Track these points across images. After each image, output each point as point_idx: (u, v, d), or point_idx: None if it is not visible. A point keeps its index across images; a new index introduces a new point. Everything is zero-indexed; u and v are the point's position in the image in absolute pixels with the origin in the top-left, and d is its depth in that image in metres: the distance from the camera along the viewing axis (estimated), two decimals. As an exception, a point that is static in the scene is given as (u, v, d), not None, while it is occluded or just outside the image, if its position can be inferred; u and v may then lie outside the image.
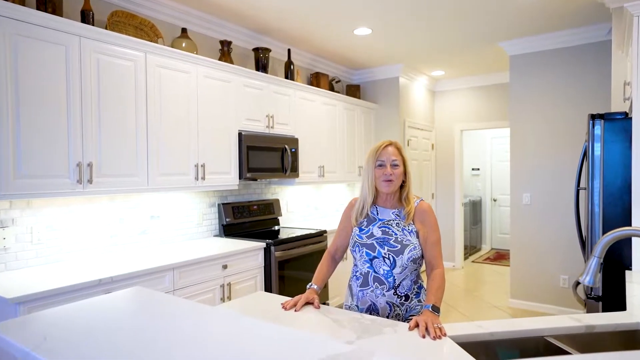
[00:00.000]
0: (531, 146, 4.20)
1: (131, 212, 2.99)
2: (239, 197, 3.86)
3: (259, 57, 3.85)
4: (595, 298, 2.38)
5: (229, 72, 3.33)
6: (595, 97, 3.88)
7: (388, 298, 1.65)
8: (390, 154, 1.70)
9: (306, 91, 4.18)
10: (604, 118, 2.32)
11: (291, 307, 1.63)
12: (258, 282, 3.22)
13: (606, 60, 3.83)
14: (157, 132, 2.80)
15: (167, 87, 2.87)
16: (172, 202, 3.28)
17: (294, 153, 3.89)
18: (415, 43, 4.27)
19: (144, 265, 2.50)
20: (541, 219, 4.14)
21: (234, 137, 3.37)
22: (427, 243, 1.66)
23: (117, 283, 2.30)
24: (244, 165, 3.40)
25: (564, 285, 4.03)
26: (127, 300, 1.48)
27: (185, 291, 2.67)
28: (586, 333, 1.44)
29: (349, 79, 5.47)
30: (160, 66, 2.82)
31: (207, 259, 2.80)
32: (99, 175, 2.48)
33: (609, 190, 2.32)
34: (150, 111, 2.75)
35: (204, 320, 1.29)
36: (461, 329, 1.43)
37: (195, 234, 3.45)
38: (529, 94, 4.21)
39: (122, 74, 2.60)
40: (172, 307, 1.41)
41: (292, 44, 4.32)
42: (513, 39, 4.15)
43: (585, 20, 3.72)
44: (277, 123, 3.81)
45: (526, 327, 1.43)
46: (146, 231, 3.08)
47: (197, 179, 3.06)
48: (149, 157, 2.75)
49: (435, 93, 6.07)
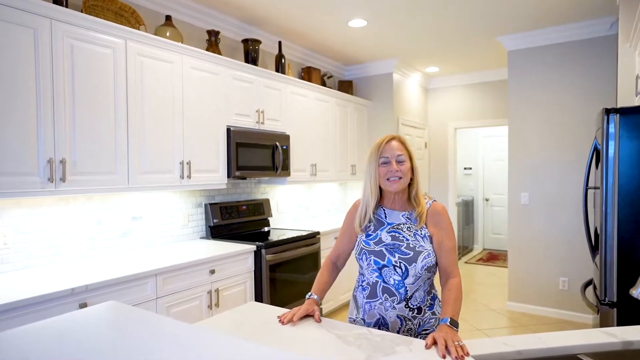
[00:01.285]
0: (530, 144, 4.07)
1: (110, 214, 2.76)
2: (227, 196, 3.65)
3: (248, 49, 3.65)
4: (610, 304, 2.25)
5: (217, 64, 3.12)
6: (597, 94, 3.77)
7: (399, 311, 1.47)
8: (394, 149, 1.52)
9: (298, 86, 3.99)
10: (620, 112, 2.18)
11: (289, 320, 1.44)
12: (248, 287, 3.02)
13: (610, 56, 3.73)
14: (138, 126, 2.57)
15: (150, 78, 2.65)
16: (155, 202, 3.06)
17: (285, 150, 3.70)
18: (411, 36, 4.12)
19: (124, 271, 2.28)
20: (540, 219, 4.02)
21: (222, 133, 3.16)
22: (442, 249, 1.49)
23: (92, 292, 2.08)
24: (233, 163, 3.19)
25: (564, 288, 3.92)
26: (98, 319, 1.27)
27: (170, 299, 2.46)
28: (624, 350, 1.28)
29: (341, 74, 5.29)
30: (142, 55, 2.60)
31: (194, 264, 2.59)
32: (74, 172, 2.25)
33: (625, 190, 2.18)
34: (131, 103, 2.53)
35: (188, 346, 1.09)
36: (484, 347, 1.26)
37: (180, 236, 3.23)
38: (528, 91, 4.08)
39: (100, 62, 2.37)
40: (152, 327, 1.20)
41: (283, 37, 4.12)
42: (512, 33, 4.03)
43: (587, 14, 3.61)
44: (267, 119, 3.60)
45: (557, 345, 1.26)
46: (127, 234, 2.86)
47: (183, 178, 2.85)
48: (130, 154, 2.52)
49: (429, 90, 5.93)
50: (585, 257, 3.79)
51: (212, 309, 2.71)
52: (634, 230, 2.17)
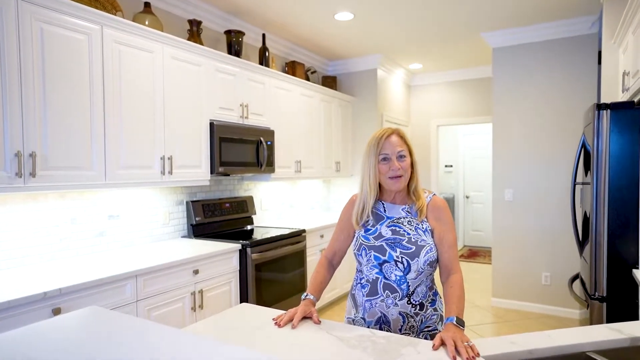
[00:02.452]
0: (514, 141, 4.10)
1: (85, 212, 2.60)
2: (210, 194, 3.51)
3: (231, 40, 3.52)
4: (600, 299, 2.25)
5: (199, 55, 2.98)
6: (579, 91, 3.82)
7: (401, 308, 1.40)
8: (395, 145, 1.45)
9: (282, 80, 3.88)
10: (611, 108, 2.18)
11: (286, 323, 1.35)
12: (233, 287, 2.90)
13: (591, 54, 3.78)
14: (117, 118, 2.42)
15: (128, 68, 2.49)
16: (134, 200, 2.90)
17: (269, 146, 3.59)
18: (396, 30, 4.07)
19: (101, 273, 2.13)
20: (523, 215, 4.06)
21: (205, 127, 3.03)
22: (444, 244, 1.43)
23: (66, 296, 1.93)
24: (216, 159, 3.06)
25: (546, 283, 3.96)
26: (78, 327, 1.15)
27: (151, 301, 2.32)
28: (632, 346, 1.25)
29: (325, 69, 5.21)
30: (120, 42, 2.44)
31: (176, 264, 2.46)
32: (45, 167, 2.09)
33: (615, 185, 2.18)
34: (108, 94, 2.37)
35: (180, 355, 0.99)
36: (493, 347, 1.20)
37: (160, 235, 3.08)
38: (512, 88, 4.10)
39: (74, 49, 2.21)
40: (142, 335, 1.09)
41: (267, 29, 4.00)
42: (496, 30, 4.03)
43: (569, 12, 3.64)
44: (251, 113, 3.49)
45: (566, 343, 1.22)
46: (103, 233, 2.69)
47: (164, 174, 2.70)
48: (107, 148, 2.37)
49: (412, 87, 5.92)
50: (567, 252, 3.84)
51: (195, 311, 2.58)
52: (624, 226, 2.18)
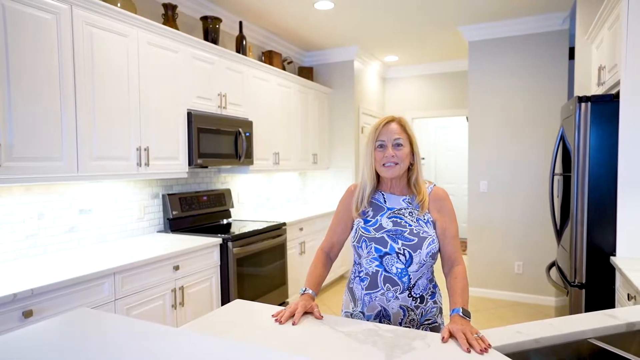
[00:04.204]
0: (489, 134, 4.18)
1: (54, 206, 2.42)
2: (186, 186, 3.38)
3: (207, 27, 3.38)
4: (579, 285, 2.33)
5: (176, 41, 2.84)
6: (551, 85, 3.93)
7: (402, 301, 1.38)
8: (392, 132, 1.42)
9: (260, 69, 3.77)
10: (591, 101, 2.25)
11: (287, 319, 1.30)
12: (214, 283, 2.81)
13: (563, 49, 3.90)
14: (89, 106, 2.26)
15: (101, 52, 2.33)
16: (107, 193, 2.74)
17: (248, 137, 3.49)
18: (375, 22, 4.04)
19: (74, 271, 2.00)
20: (497, 206, 4.16)
21: (183, 117, 2.90)
22: (446, 235, 1.42)
23: (39, 297, 1.79)
24: (195, 150, 2.94)
25: (519, 272, 4.10)
26: (69, 333, 1.05)
27: (130, 300, 2.20)
28: (628, 331, 1.28)
29: (301, 60, 5.13)
30: (91, 24, 2.28)
31: (156, 260, 2.34)
32: (10, 158, 1.92)
33: (595, 175, 2.25)
34: (80, 80, 2.21)
35: (192, 355, 0.92)
36: (500, 337, 1.20)
37: (135, 230, 2.94)
38: (488, 82, 4.18)
39: (41, 29, 2.04)
40: (145, 339, 1.01)
41: (244, 17, 3.87)
42: (472, 24, 4.09)
43: (542, 8, 3.73)
44: (230, 103, 3.37)
45: (570, 330, 1.23)
46: (74, 229, 2.53)
47: (140, 165, 2.56)
48: (79, 137, 2.21)
49: (386, 80, 5.94)
50: (539, 241, 3.98)
51: (176, 308, 2.48)
52: (603, 214, 2.26)
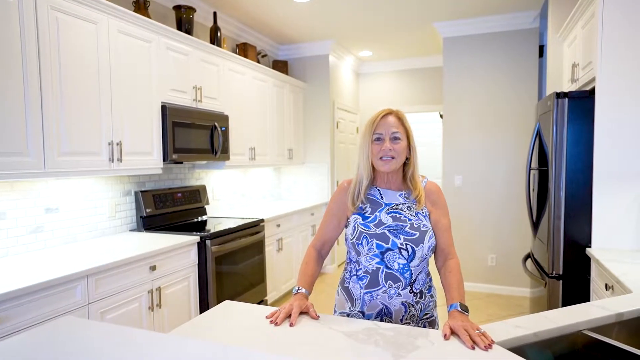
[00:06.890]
0: (463, 129, 4.26)
1: (17, 205, 2.25)
2: (159, 183, 3.24)
3: (181, 17, 3.24)
4: (557, 277, 2.40)
5: (148, 30, 2.70)
6: (522, 82, 4.04)
7: (404, 298, 1.36)
8: (390, 125, 1.39)
9: (236, 62, 3.67)
10: (569, 97, 2.31)
11: (283, 320, 1.25)
12: (192, 283, 2.71)
13: (533, 47, 4.00)
14: (56, 98, 2.11)
15: (69, 39, 2.18)
16: (75, 191, 2.58)
17: (224, 132, 3.38)
18: (351, 16, 4.02)
19: (44, 274, 1.86)
20: (472, 200, 4.25)
21: (157, 110, 2.77)
22: (440, 228, 1.41)
23: (4, 304, 1.65)
24: (169, 145, 2.82)
25: (492, 264, 4.21)
26: (57, 345, 0.96)
27: (104, 303, 2.08)
28: (617, 322, 1.32)
29: (275, 54, 5.03)
30: (57, 9, 2.12)
31: (132, 260, 2.22)
32: (-30, 153, 1.76)
33: (572, 169, 2.32)
34: (45, 69, 2.05)
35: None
36: (500, 332, 1.20)
37: (107, 229, 2.79)
38: (461, 78, 4.24)
39: (1, 14, 1.87)
40: (139, 348, 0.93)
41: (218, 7, 3.75)
42: (447, 20, 4.13)
43: (514, 6, 3.81)
44: (205, 97, 3.25)
45: (564, 323, 1.25)
46: (40, 228, 2.36)
47: (113, 161, 2.42)
48: (46, 131, 2.06)
49: (360, 75, 5.94)
50: (511, 235, 4.09)
51: (153, 310, 2.37)
52: (579, 207, 2.33)
